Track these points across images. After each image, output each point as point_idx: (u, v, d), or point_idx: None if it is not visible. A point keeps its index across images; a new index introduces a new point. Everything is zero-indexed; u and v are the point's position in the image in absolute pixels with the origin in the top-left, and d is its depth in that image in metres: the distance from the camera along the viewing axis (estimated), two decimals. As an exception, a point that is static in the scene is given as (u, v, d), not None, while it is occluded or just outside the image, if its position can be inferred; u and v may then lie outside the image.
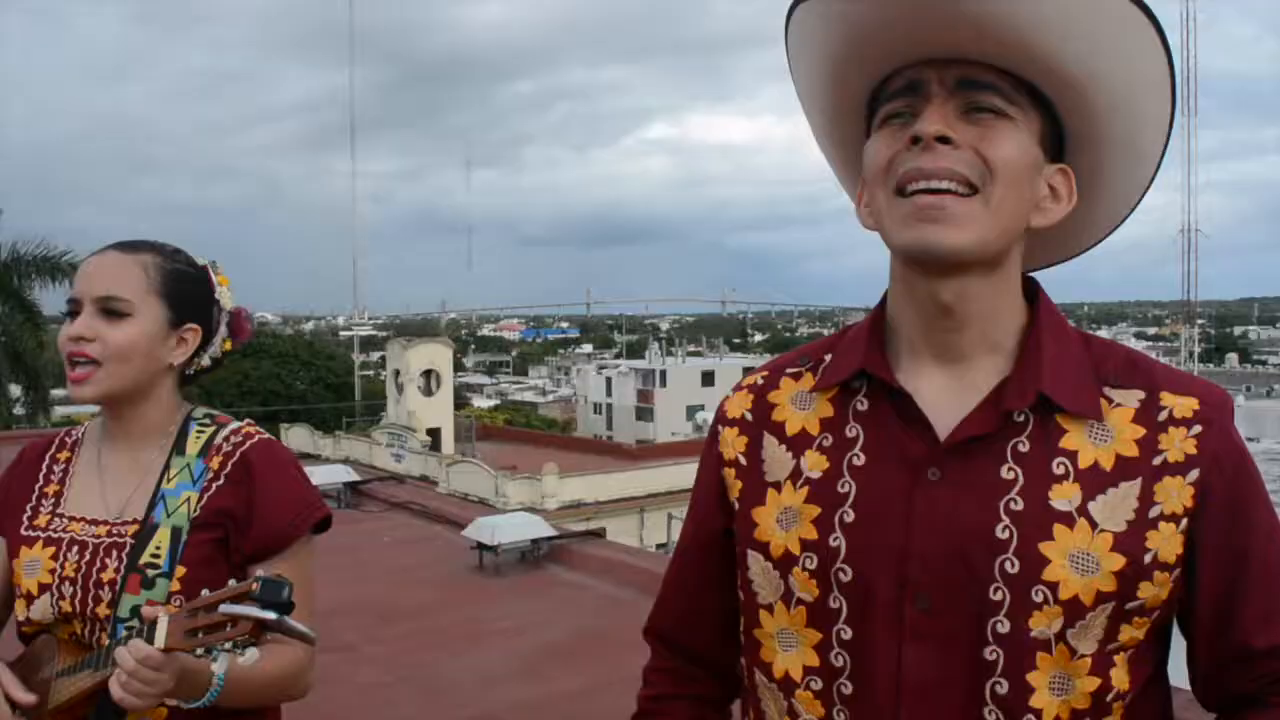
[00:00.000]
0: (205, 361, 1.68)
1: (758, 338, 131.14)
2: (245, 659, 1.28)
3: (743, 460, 1.20)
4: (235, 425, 1.67)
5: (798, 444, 1.15)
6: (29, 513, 1.62)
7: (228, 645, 1.28)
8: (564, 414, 59.31)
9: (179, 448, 1.62)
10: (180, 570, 1.53)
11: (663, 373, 51.70)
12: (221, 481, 1.59)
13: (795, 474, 1.14)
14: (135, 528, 1.56)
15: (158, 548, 1.53)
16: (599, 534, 7.88)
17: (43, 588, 1.54)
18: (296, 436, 28.61)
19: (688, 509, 1.32)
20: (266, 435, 1.67)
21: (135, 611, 1.49)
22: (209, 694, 1.43)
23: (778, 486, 1.15)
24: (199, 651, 1.30)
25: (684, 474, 30.06)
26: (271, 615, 1.26)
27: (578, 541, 7.43)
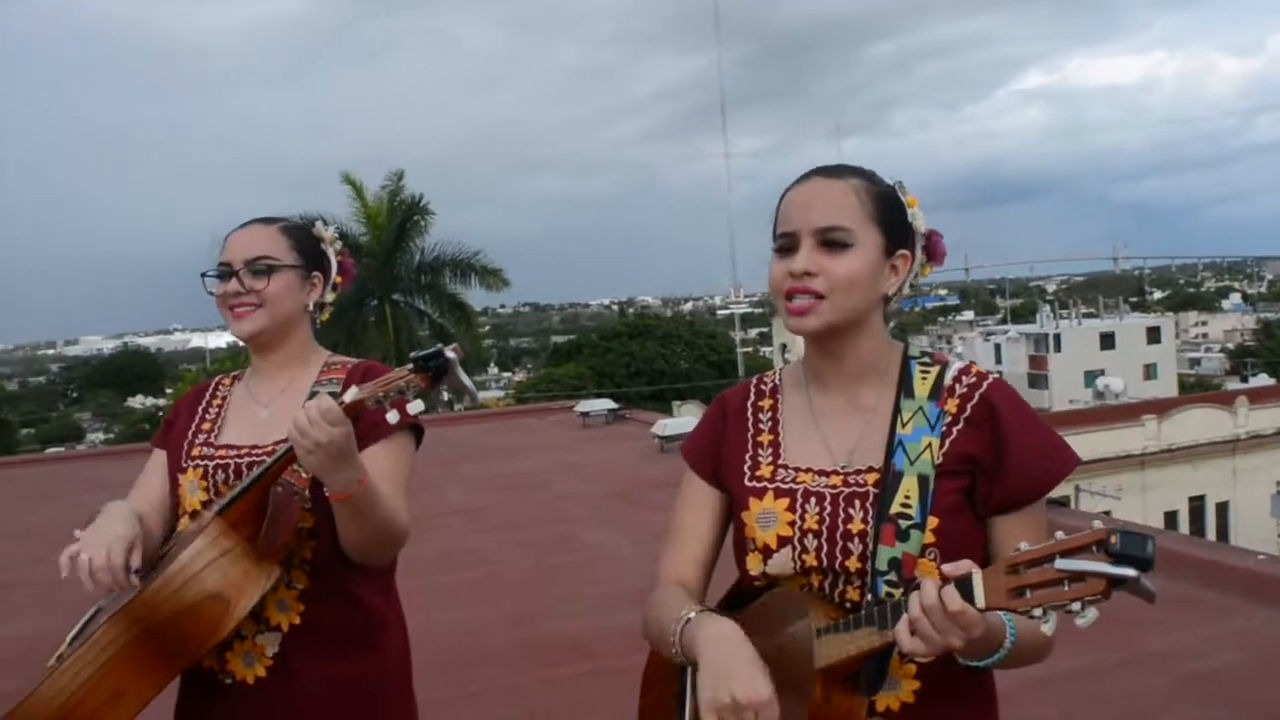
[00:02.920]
0: (906, 289, 1.56)
1: (1157, 295, 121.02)
2: (1084, 620, 1.13)
3: None
4: (960, 364, 1.54)
5: None
6: (749, 463, 1.57)
7: (1074, 606, 1.12)
8: (948, 384, 57.36)
9: (905, 389, 1.51)
10: (933, 521, 1.42)
11: (1056, 336, 48.65)
12: (962, 425, 1.47)
13: None
14: (874, 476, 1.47)
15: (907, 497, 1.43)
16: (1063, 503, 7.40)
17: (782, 540, 1.48)
18: (688, 413, 29.52)
19: None
20: (997, 375, 1.53)
21: (892, 564, 1.41)
22: (995, 655, 1.31)
23: None
24: (1036, 612, 1.15)
25: (1086, 443, 28.33)
26: (1130, 572, 1.09)
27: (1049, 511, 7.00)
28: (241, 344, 2.02)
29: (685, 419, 14.28)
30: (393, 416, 1.65)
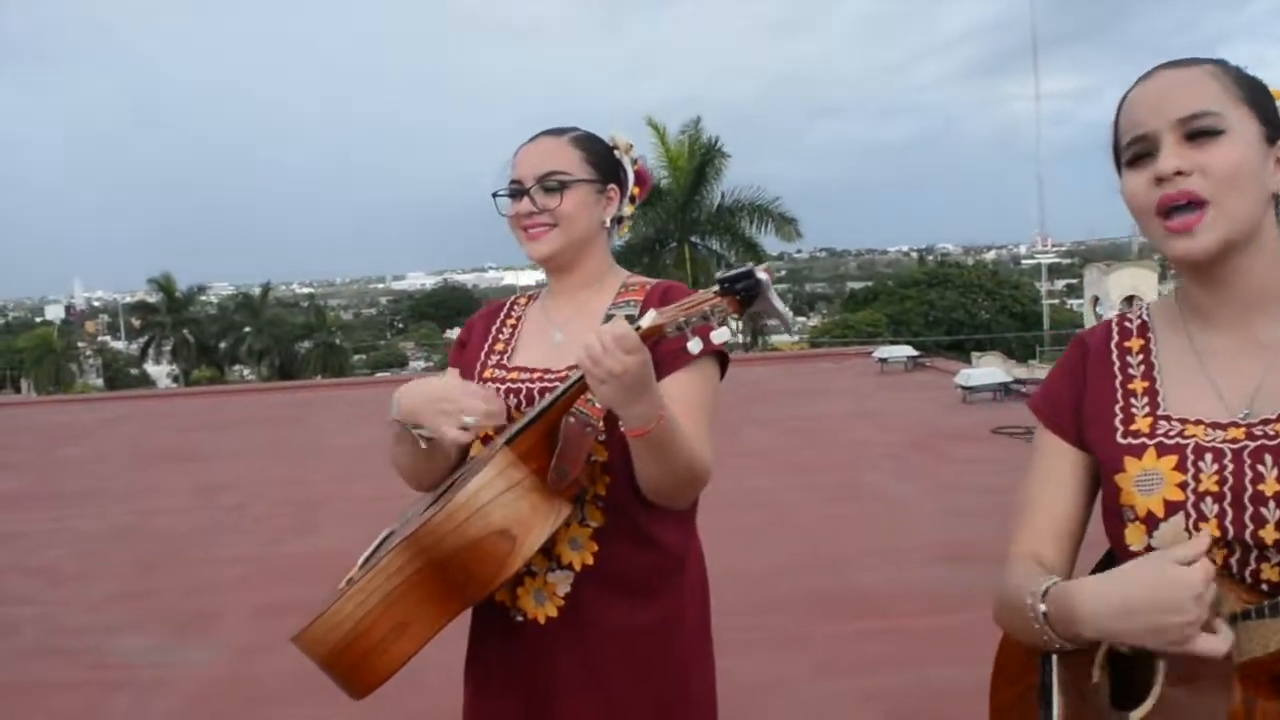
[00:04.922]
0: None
1: None
2: None
3: None
4: None
5: None
6: (1120, 416, 1.32)
7: None
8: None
9: None
10: None
11: None
12: None
13: None
14: None
15: None
16: None
17: (1171, 506, 1.22)
18: (989, 364, 28.33)
19: None
20: None
21: None
22: None
23: None
24: None
25: None
26: None
27: None
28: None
29: (988, 370, 13.65)
30: (694, 345, 1.47)
